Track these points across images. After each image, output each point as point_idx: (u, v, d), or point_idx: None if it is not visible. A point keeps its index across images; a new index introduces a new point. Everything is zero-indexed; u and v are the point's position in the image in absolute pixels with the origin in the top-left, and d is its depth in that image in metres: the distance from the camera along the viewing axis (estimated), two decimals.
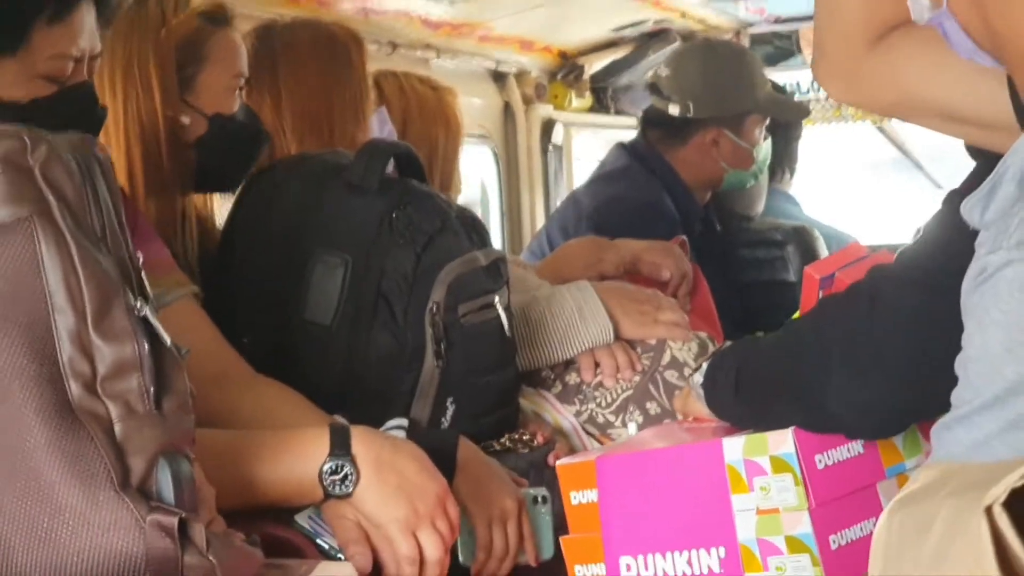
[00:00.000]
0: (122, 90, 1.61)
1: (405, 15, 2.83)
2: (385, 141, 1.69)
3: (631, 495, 1.36)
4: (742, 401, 1.38)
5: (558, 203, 3.25)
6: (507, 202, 3.44)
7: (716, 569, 1.31)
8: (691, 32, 3.61)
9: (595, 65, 3.71)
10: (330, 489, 1.29)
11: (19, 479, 0.91)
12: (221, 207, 1.87)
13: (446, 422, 1.59)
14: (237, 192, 1.74)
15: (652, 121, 2.82)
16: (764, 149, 2.83)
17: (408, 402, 1.56)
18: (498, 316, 1.64)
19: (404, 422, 1.46)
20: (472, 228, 1.64)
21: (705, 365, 1.45)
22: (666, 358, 1.84)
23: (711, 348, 1.82)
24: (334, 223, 1.57)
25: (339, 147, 1.85)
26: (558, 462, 1.46)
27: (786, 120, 3.00)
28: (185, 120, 1.68)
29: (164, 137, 1.64)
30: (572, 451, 1.71)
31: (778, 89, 3.06)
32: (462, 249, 1.60)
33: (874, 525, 1.28)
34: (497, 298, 1.64)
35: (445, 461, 1.40)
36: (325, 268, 1.55)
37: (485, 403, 1.64)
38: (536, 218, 3.44)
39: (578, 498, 1.40)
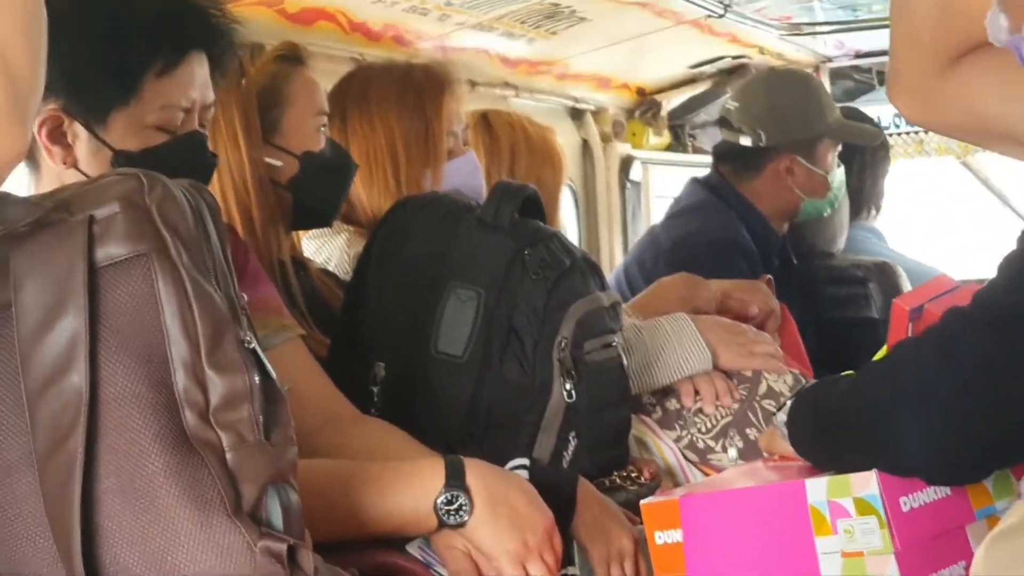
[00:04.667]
0: (211, 143, 1.66)
1: (483, 53, 2.86)
2: (514, 183, 1.73)
3: (715, 535, 1.35)
4: (819, 444, 1.36)
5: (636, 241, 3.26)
6: (586, 240, 3.44)
7: None
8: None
9: (673, 102, 3.72)
10: (445, 519, 1.32)
11: (137, 503, 0.94)
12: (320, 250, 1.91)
13: (567, 456, 1.62)
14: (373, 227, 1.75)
15: (724, 155, 2.82)
16: (838, 176, 2.80)
17: (533, 434, 1.60)
18: (619, 355, 1.69)
19: (526, 461, 1.49)
20: (593, 271, 1.68)
21: (789, 403, 1.44)
22: (762, 388, 1.86)
23: (804, 383, 1.83)
24: (467, 258, 1.62)
25: (404, 189, 1.89)
26: (642, 502, 1.44)
27: (859, 144, 2.94)
28: (276, 163, 1.72)
29: (253, 184, 1.68)
30: (677, 487, 1.72)
31: (858, 116, 3.03)
32: (588, 288, 1.65)
33: (964, 569, 1.28)
34: (616, 339, 1.68)
35: (565, 500, 1.44)
36: (458, 301, 1.59)
37: (604, 439, 1.67)
38: (615, 255, 3.44)
39: (663, 538, 1.38)
